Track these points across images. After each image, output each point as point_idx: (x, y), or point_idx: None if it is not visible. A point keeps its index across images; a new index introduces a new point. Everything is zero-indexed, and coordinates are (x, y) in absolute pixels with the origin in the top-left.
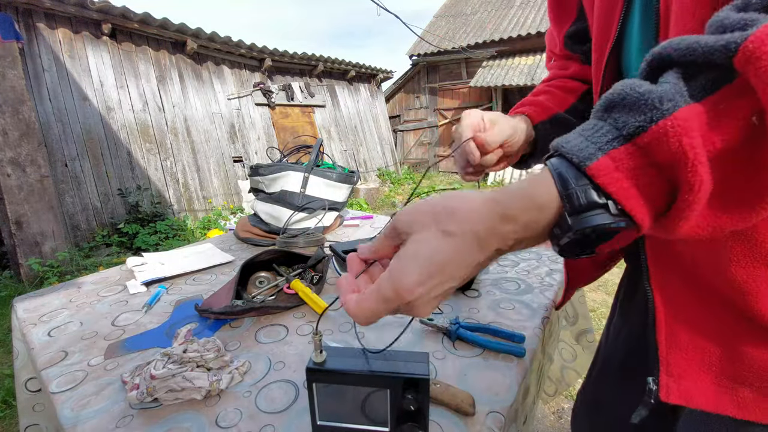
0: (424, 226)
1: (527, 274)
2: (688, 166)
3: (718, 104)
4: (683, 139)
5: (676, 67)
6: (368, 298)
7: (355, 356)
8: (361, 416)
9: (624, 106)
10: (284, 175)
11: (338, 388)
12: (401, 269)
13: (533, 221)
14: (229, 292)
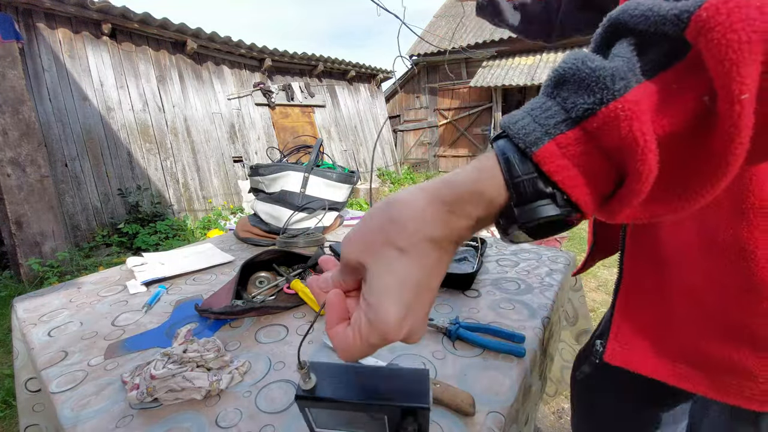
0: (376, 254)
1: (527, 274)
2: (638, 154)
3: (671, 83)
4: (633, 125)
5: (630, 36)
6: (353, 346)
7: (348, 376)
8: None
9: (574, 83)
10: (284, 175)
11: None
12: (377, 312)
13: (484, 215)
14: (229, 292)
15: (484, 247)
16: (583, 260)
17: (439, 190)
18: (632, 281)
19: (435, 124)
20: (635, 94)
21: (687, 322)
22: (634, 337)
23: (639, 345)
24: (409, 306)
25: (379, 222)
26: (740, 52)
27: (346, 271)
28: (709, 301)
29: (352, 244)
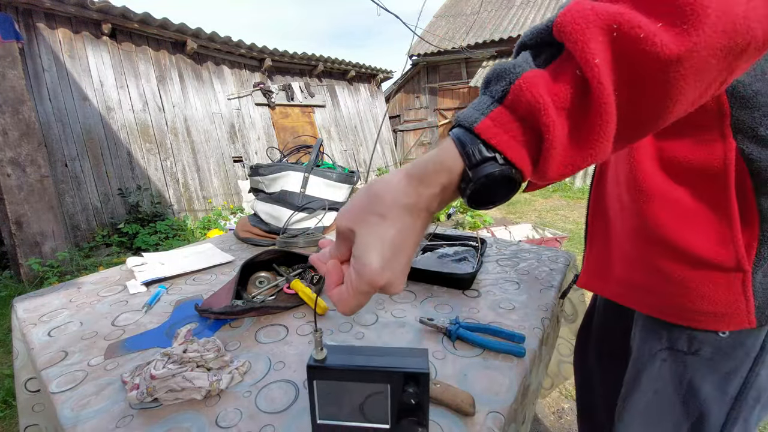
0: (362, 221)
1: (527, 274)
2: (540, 111)
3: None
4: (533, 90)
5: (528, 49)
6: (348, 297)
7: (355, 353)
8: (361, 415)
9: (494, 79)
10: (284, 175)
11: (339, 386)
12: (362, 264)
13: (446, 182)
14: (229, 292)
15: (484, 247)
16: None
17: (410, 168)
18: (591, 232)
19: (435, 124)
20: (531, 73)
21: (618, 257)
22: (593, 271)
23: (596, 275)
24: (388, 259)
25: (365, 197)
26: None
27: (339, 241)
28: (625, 240)
29: (344, 216)
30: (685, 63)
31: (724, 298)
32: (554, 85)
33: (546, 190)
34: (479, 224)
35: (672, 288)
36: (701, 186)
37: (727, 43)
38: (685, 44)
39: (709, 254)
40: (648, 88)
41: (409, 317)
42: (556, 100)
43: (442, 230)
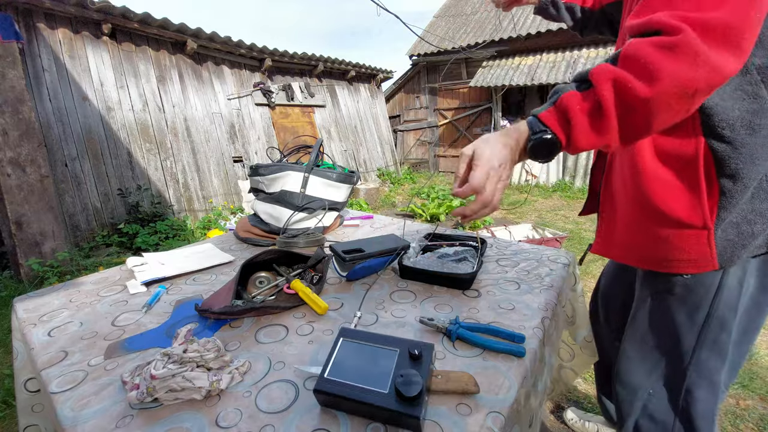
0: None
1: (527, 274)
2: (569, 111)
3: (586, 94)
4: (570, 101)
5: (575, 82)
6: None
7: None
8: (365, 378)
9: (554, 93)
10: (284, 175)
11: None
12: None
13: (519, 138)
14: (229, 292)
15: (484, 247)
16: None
17: (502, 131)
18: (602, 209)
19: (435, 124)
20: (571, 93)
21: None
22: (602, 239)
23: (604, 242)
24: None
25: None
26: (600, 80)
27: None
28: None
29: (468, 148)
30: (654, 101)
31: (695, 249)
32: (583, 101)
33: (546, 190)
34: (479, 224)
35: (659, 244)
36: (681, 168)
37: (679, 91)
38: (651, 91)
39: (685, 217)
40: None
41: (409, 317)
42: (583, 108)
43: (442, 230)
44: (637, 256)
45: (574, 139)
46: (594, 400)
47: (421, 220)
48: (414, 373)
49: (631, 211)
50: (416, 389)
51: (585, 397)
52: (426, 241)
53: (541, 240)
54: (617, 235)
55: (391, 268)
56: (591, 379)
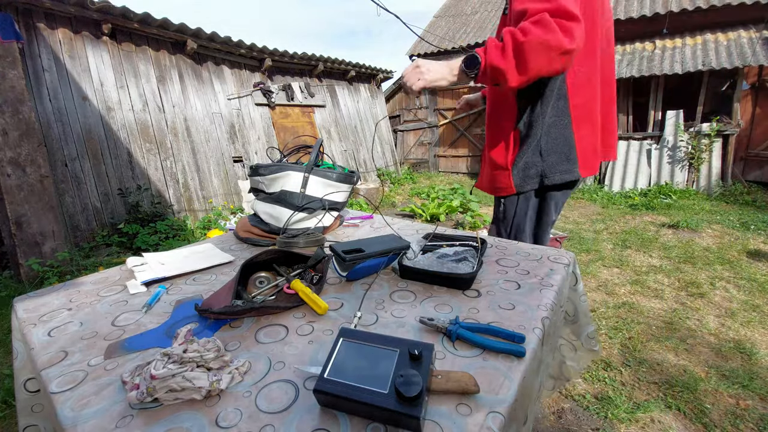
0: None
1: (527, 274)
2: (488, 46)
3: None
4: (487, 42)
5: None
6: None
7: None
8: (364, 378)
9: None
10: (284, 175)
11: (358, 349)
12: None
13: (454, 65)
14: (229, 292)
15: (484, 247)
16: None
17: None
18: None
19: (435, 124)
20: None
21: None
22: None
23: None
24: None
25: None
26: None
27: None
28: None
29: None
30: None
31: (505, 181)
32: (496, 43)
33: None
34: (479, 224)
35: (493, 179)
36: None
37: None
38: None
39: (501, 163)
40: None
41: (409, 317)
42: (496, 45)
43: (442, 230)
44: (488, 187)
45: (488, 57)
46: (593, 398)
47: (421, 220)
48: (414, 373)
49: (487, 160)
50: (416, 389)
51: (585, 396)
52: (426, 241)
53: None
54: (483, 175)
55: (391, 268)
56: (591, 378)
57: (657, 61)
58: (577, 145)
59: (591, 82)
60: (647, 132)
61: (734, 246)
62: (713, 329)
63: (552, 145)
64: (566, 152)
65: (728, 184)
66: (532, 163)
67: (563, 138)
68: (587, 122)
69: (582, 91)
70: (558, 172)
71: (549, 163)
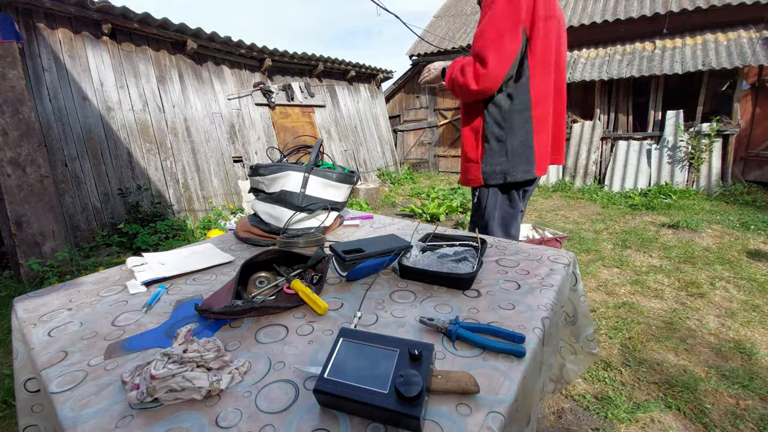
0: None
1: (527, 274)
2: (447, 69)
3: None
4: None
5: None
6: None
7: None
8: (364, 378)
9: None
10: (284, 175)
11: (358, 349)
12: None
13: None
14: (229, 292)
15: (484, 247)
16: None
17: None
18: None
19: (435, 124)
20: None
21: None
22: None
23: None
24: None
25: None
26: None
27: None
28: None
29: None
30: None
31: (475, 174)
32: (450, 69)
33: (546, 190)
34: None
35: (466, 172)
36: (474, 135)
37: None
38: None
39: (473, 157)
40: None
41: (409, 317)
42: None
43: (442, 230)
44: (463, 179)
45: (447, 76)
46: (593, 398)
47: (421, 220)
48: (414, 373)
49: (462, 156)
50: (416, 389)
51: (585, 396)
52: (426, 241)
53: (541, 240)
54: (461, 169)
55: (391, 268)
56: (591, 378)
57: (657, 61)
58: (536, 150)
59: (546, 97)
60: (647, 132)
61: (734, 246)
62: (713, 329)
63: (515, 148)
64: (527, 155)
65: (728, 184)
66: (498, 162)
67: (525, 143)
68: (543, 131)
69: (541, 104)
70: (519, 172)
71: (512, 164)
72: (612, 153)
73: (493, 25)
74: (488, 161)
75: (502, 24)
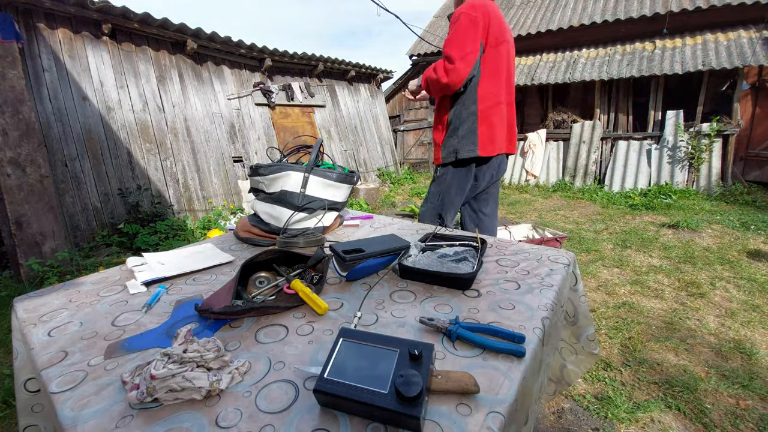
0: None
1: (527, 274)
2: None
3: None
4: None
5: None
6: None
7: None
8: (365, 378)
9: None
10: (284, 175)
11: (358, 349)
12: None
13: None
14: (229, 292)
15: (484, 247)
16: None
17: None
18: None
19: None
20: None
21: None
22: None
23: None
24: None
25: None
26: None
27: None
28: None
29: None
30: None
31: (438, 154)
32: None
33: (546, 190)
34: None
35: (435, 153)
36: (440, 123)
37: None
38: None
39: (438, 141)
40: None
41: (409, 317)
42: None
43: (442, 230)
44: (435, 160)
45: (422, 78)
46: (593, 398)
47: None
48: (414, 373)
49: (433, 142)
50: (416, 389)
51: (585, 396)
52: (426, 241)
53: (541, 240)
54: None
55: (391, 268)
56: (591, 378)
57: (657, 61)
58: (479, 135)
59: (492, 98)
60: (647, 132)
61: (734, 246)
62: (713, 329)
63: (464, 132)
64: (472, 139)
65: (728, 184)
66: (451, 143)
67: (471, 129)
68: (486, 122)
69: (486, 100)
70: (465, 151)
71: (461, 144)
72: (612, 153)
73: (458, 36)
74: (447, 144)
75: (465, 35)
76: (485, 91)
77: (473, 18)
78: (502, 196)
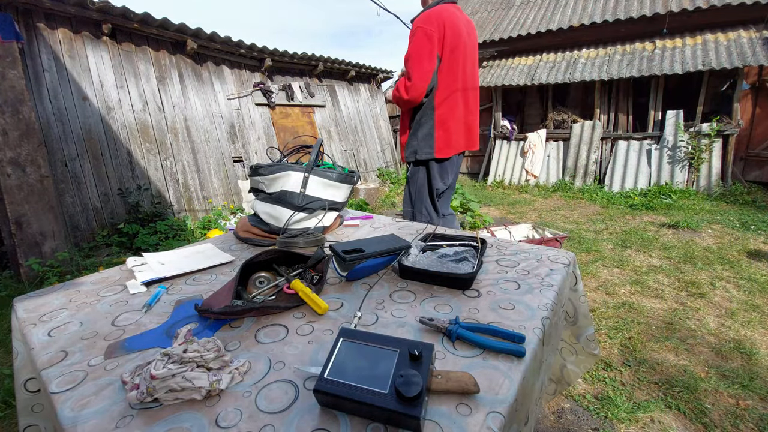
0: None
1: (527, 274)
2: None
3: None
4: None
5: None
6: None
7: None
8: (365, 378)
9: None
10: (284, 175)
11: (358, 349)
12: None
13: None
14: (229, 292)
15: (484, 247)
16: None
17: None
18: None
19: None
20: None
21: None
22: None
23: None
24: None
25: None
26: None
27: None
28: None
29: None
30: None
31: (402, 154)
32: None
33: (546, 190)
34: (479, 224)
35: (403, 151)
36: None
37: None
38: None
39: (403, 142)
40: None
41: (409, 317)
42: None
43: (442, 230)
44: (401, 158)
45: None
46: (593, 398)
47: None
48: (414, 373)
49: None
50: (416, 389)
51: (585, 396)
52: (426, 241)
53: (541, 240)
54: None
55: (391, 268)
56: (591, 378)
57: (657, 61)
58: (436, 139)
59: (449, 101)
60: (647, 132)
61: (734, 246)
62: (713, 329)
63: (422, 136)
64: (429, 142)
65: (728, 184)
66: (412, 145)
67: (429, 133)
68: (443, 127)
69: (443, 106)
70: (424, 153)
71: (420, 146)
72: (612, 153)
73: (415, 52)
74: (408, 145)
75: (421, 51)
76: (442, 99)
77: (428, 33)
78: (503, 196)
